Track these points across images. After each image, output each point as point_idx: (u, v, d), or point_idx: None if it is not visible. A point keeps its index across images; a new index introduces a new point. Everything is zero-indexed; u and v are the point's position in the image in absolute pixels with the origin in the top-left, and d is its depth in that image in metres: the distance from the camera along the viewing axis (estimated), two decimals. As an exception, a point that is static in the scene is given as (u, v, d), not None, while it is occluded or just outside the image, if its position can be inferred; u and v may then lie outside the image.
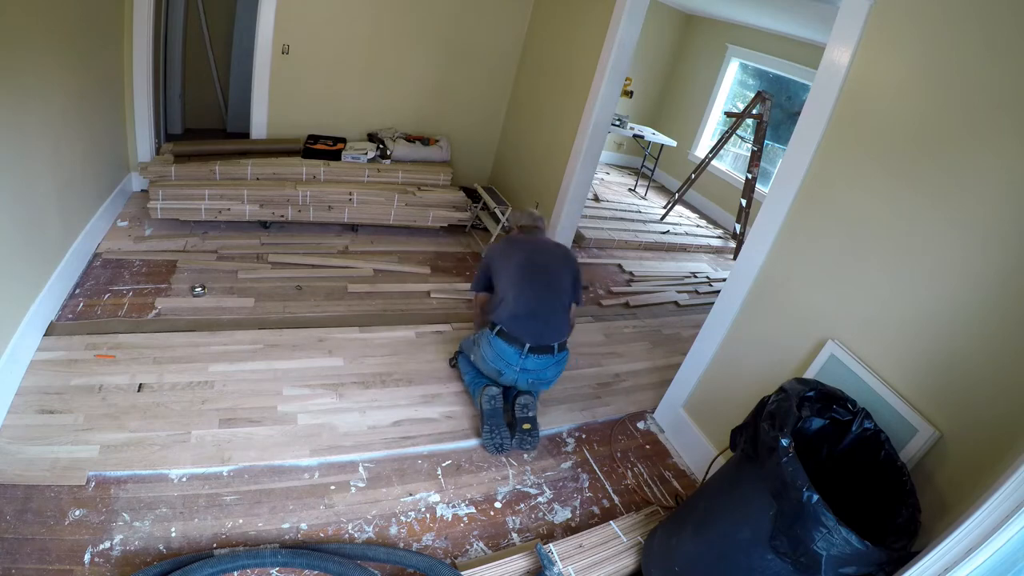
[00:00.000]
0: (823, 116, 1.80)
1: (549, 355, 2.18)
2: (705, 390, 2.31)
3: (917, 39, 1.58)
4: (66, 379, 2.03)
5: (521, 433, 2.17)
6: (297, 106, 3.86)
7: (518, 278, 2.24)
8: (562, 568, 1.66)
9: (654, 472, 2.27)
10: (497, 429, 2.16)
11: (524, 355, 2.14)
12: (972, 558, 1.01)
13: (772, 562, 1.30)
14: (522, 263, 2.28)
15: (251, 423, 2.02)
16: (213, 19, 4.37)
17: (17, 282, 2.03)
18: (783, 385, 1.49)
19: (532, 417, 2.21)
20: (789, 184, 1.91)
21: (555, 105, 3.69)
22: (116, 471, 1.73)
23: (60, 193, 2.37)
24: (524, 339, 2.14)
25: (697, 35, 6.21)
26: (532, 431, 2.19)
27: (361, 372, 2.41)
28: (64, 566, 1.45)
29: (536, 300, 2.21)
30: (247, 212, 3.22)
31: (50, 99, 2.21)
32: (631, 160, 6.77)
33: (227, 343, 2.38)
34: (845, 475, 1.50)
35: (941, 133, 1.51)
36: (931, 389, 1.51)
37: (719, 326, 2.21)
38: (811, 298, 1.86)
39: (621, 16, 3.00)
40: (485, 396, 2.19)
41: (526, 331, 2.15)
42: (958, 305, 1.46)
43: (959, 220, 1.47)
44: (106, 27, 2.87)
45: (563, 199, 3.50)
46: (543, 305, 2.22)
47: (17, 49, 1.89)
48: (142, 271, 2.76)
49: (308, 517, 1.75)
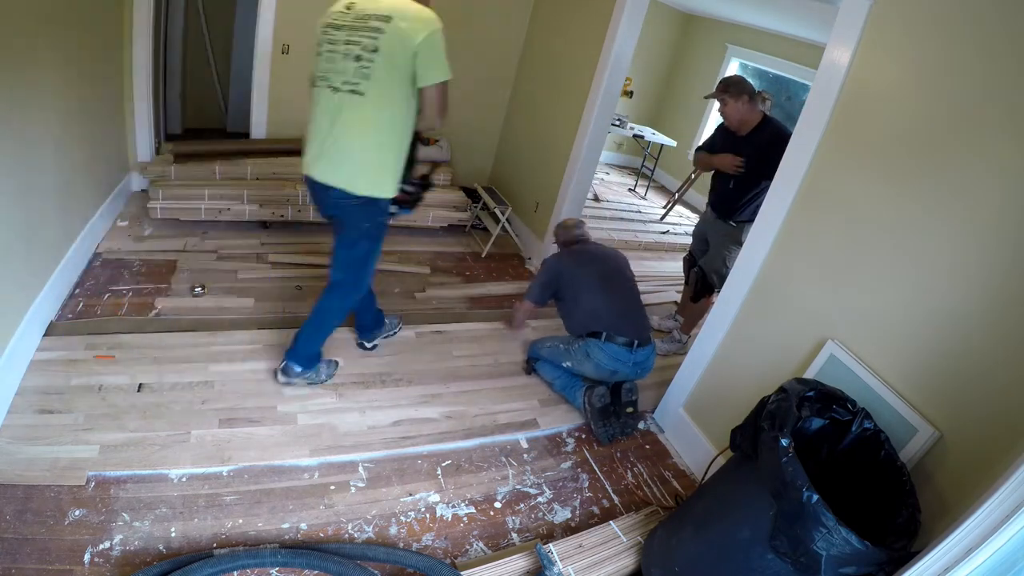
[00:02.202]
0: (823, 116, 1.80)
1: (651, 345, 2.45)
2: (705, 390, 2.31)
3: (917, 39, 1.58)
4: (66, 379, 2.03)
5: (625, 417, 2.39)
6: (297, 106, 3.83)
7: (602, 286, 2.46)
8: (562, 568, 1.66)
9: (654, 472, 2.27)
10: (609, 421, 2.35)
11: (634, 351, 2.36)
12: (972, 558, 1.01)
13: (772, 562, 1.30)
14: (599, 272, 2.51)
15: (251, 423, 2.02)
16: (213, 19, 4.36)
17: (17, 282, 2.03)
18: (783, 385, 1.49)
19: (635, 400, 2.44)
20: (789, 184, 1.91)
21: (555, 105, 3.69)
22: (116, 471, 1.73)
23: (60, 193, 2.37)
24: (632, 337, 2.36)
25: (697, 35, 6.21)
26: (634, 414, 2.43)
27: (361, 372, 2.41)
28: (64, 566, 1.45)
29: (624, 301, 2.47)
30: (247, 212, 3.22)
31: (50, 99, 2.21)
32: (631, 160, 6.77)
33: (227, 343, 2.38)
34: (845, 475, 1.50)
35: (940, 133, 1.51)
36: (931, 389, 1.51)
37: (719, 326, 2.21)
38: (811, 298, 1.87)
39: (621, 16, 3.00)
40: (596, 396, 2.35)
41: (630, 330, 2.38)
42: (958, 305, 1.46)
43: (959, 220, 1.47)
44: (106, 27, 2.87)
45: (563, 199, 3.50)
46: (631, 304, 2.48)
47: (17, 49, 1.89)
48: (142, 271, 2.76)
49: (308, 517, 1.75)
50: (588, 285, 2.46)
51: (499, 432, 2.27)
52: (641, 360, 2.40)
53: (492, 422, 2.32)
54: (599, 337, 2.35)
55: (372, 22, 1.77)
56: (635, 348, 2.36)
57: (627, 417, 2.40)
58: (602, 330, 2.35)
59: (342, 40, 1.82)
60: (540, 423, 2.37)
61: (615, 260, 2.62)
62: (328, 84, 1.86)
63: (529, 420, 2.38)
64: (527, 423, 2.36)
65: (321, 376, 2.28)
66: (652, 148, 6.02)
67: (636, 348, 2.36)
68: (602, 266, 2.54)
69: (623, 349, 2.34)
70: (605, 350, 2.34)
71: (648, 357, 2.43)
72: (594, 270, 2.50)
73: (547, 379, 2.58)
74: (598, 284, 2.46)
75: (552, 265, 2.58)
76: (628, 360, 2.36)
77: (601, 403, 2.34)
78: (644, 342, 2.40)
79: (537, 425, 2.36)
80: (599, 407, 2.34)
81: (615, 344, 2.34)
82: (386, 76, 1.79)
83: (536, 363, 2.63)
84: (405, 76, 1.80)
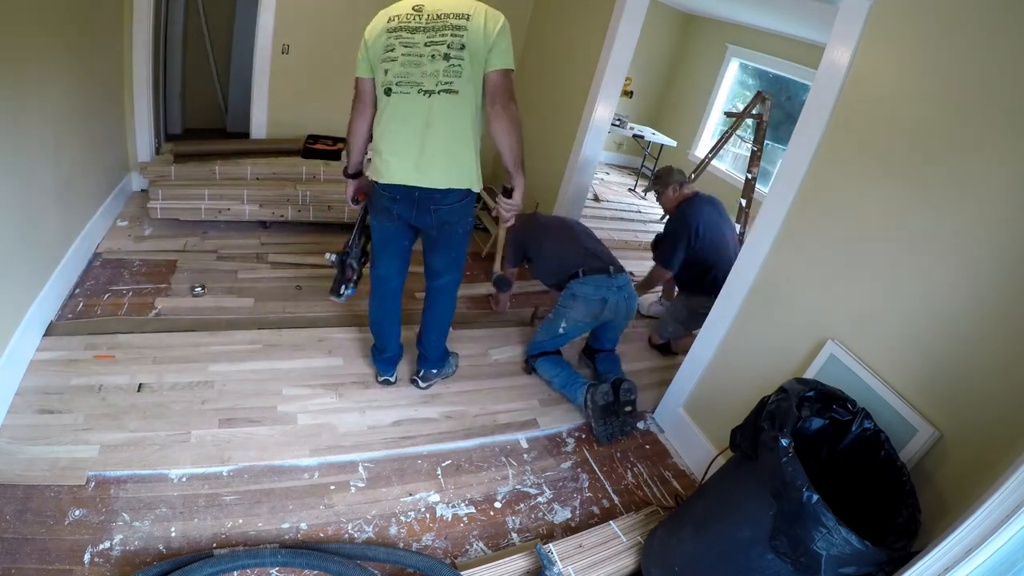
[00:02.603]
0: (823, 116, 1.80)
1: (626, 274, 2.55)
2: (705, 390, 2.31)
3: (917, 39, 1.58)
4: (66, 379, 2.03)
5: (624, 416, 2.37)
6: (297, 106, 3.86)
7: (561, 234, 2.68)
8: (562, 568, 1.66)
9: (654, 472, 2.27)
10: (610, 420, 2.35)
11: (614, 276, 2.48)
12: (972, 558, 1.01)
13: (772, 562, 1.30)
14: (555, 225, 2.77)
15: (251, 423, 2.02)
16: (213, 19, 4.36)
17: (17, 282, 2.03)
18: (783, 385, 1.49)
19: (634, 400, 2.41)
20: (789, 184, 1.91)
21: (555, 105, 3.69)
22: (116, 471, 1.73)
23: (60, 193, 2.37)
24: (605, 265, 2.50)
25: (697, 35, 6.21)
26: (633, 413, 2.41)
27: (361, 372, 2.41)
28: (64, 566, 1.45)
29: (588, 239, 2.67)
30: (247, 212, 3.22)
31: (50, 99, 2.21)
32: (631, 160, 6.77)
33: (227, 343, 2.38)
34: (845, 475, 1.50)
35: (941, 133, 1.51)
36: (931, 389, 1.51)
37: (719, 326, 2.21)
38: (811, 298, 1.86)
39: (621, 16, 3.00)
40: (599, 394, 2.34)
41: (602, 259, 2.54)
42: (958, 305, 1.46)
43: (959, 219, 1.46)
44: (106, 27, 2.87)
45: (563, 199, 3.50)
46: (593, 242, 2.67)
47: (16, 50, 1.89)
48: (142, 271, 2.76)
49: (308, 517, 1.75)
50: (548, 236, 2.68)
51: (499, 432, 2.27)
52: (623, 284, 2.49)
53: (492, 422, 2.32)
54: (577, 277, 2.47)
55: (451, 20, 1.78)
56: (613, 274, 2.48)
57: (626, 416, 2.40)
58: (575, 268, 2.49)
59: (422, 42, 1.79)
60: (540, 423, 2.37)
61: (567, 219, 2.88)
62: (418, 88, 1.82)
63: (529, 420, 2.38)
64: (527, 423, 2.36)
65: (452, 368, 2.47)
66: (652, 148, 6.02)
67: (614, 274, 2.48)
68: (557, 222, 2.84)
69: (602, 276, 2.46)
70: (587, 283, 2.45)
71: (628, 283, 2.52)
72: (550, 224, 2.79)
73: (546, 377, 2.57)
74: (556, 233, 2.69)
75: (513, 232, 2.77)
76: (611, 285, 2.46)
77: (604, 400, 2.34)
78: (619, 269, 2.52)
79: (537, 425, 2.36)
80: (602, 404, 2.33)
81: (593, 275, 2.46)
82: (472, 72, 1.80)
83: (535, 361, 2.63)
84: (481, 71, 1.82)
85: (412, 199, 1.94)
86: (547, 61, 3.83)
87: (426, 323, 2.29)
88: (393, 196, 1.95)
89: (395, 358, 2.35)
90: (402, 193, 1.93)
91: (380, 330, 2.28)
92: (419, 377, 2.37)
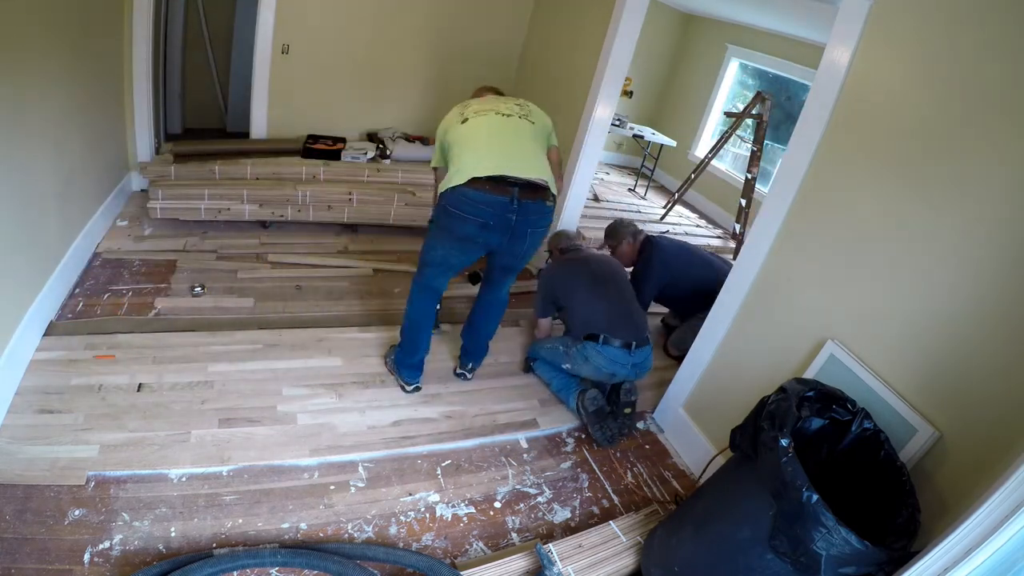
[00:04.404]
0: (823, 116, 1.80)
1: (649, 345, 2.44)
2: (705, 390, 2.31)
3: (917, 39, 1.58)
4: (66, 379, 2.03)
5: (623, 417, 2.37)
6: (297, 106, 3.87)
7: (594, 290, 2.49)
8: (562, 568, 1.66)
9: (654, 472, 2.27)
10: (606, 424, 2.33)
11: (633, 352, 2.35)
12: (972, 558, 1.01)
13: (772, 562, 1.30)
14: (590, 276, 2.54)
15: (251, 423, 2.02)
16: (213, 19, 4.36)
17: (17, 282, 2.03)
18: (783, 385, 1.49)
19: (634, 401, 2.42)
20: (789, 184, 1.91)
21: (555, 105, 3.67)
22: (116, 471, 1.73)
23: (60, 192, 2.37)
24: (629, 338, 2.35)
25: (697, 35, 6.21)
26: (632, 414, 2.42)
27: (361, 372, 2.41)
28: (64, 566, 1.45)
29: (620, 303, 2.48)
30: (247, 212, 3.22)
31: (50, 98, 2.21)
32: (631, 160, 6.77)
33: (227, 343, 2.38)
34: (845, 475, 1.50)
35: (941, 133, 1.51)
36: (931, 389, 1.51)
37: (719, 326, 2.21)
38: (811, 298, 1.86)
39: (621, 16, 3.00)
40: (588, 399, 2.33)
41: (627, 331, 2.37)
42: (958, 305, 1.46)
43: (959, 219, 1.46)
44: (106, 27, 2.87)
45: (563, 199, 3.49)
46: (626, 306, 2.48)
47: (17, 49, 1.89)
48: (142, 271, 2.76)
49: (308, 517, 1.75)
50: (580, 290, 2.50)
51: (499, 432, 2.27)
52: (639, 361, 2.39)
53: (492, 422, 2.32)
54: (596, 340, 2.34)
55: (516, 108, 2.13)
56: (633, 349, 2.34)
57: (625, 418, 2.39)
58: (598, 333, 2.34)
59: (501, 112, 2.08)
60: (540, 423, 2.37)
61: (607, 264, 2.65)
62: (496, 112, 2.06)
63: (529, 420, 2.38)
64: (527, 423, 2.36)
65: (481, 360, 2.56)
66: (652, 148, 6.01)
67: (634, 349, 2.35)
68: (594, 269, 2.57)
69: (621, 351, 2.33)
70: (603, 353, 2.33)
71: (647, 358, 2.43)
72: (585, 275, 2.54)
73: (544, 379, 2.58)
74: (590, 288, 2.49)
75: (545, 278, 2.67)
76: (627, 362, 2.35)
77: (594, 406, 2.32)
78: (642, 343, 2.38)
79: (537, 425, 2.36)
80: (592, 410, 2.32)
81: (612, 347, 2.33)
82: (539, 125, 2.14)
83: (534, 362, 2.63)
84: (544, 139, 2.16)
85: (508, 226, 1.94)
86: (547, 61, 3.83)
87: (482, 327, 2.43)
88: (485, 223, 1.92)
89: (423, 361, 2.35)
90: (496, 219, 1.92)
91: (418, 333, 2.28)
92: (467, 370, 2.50)
